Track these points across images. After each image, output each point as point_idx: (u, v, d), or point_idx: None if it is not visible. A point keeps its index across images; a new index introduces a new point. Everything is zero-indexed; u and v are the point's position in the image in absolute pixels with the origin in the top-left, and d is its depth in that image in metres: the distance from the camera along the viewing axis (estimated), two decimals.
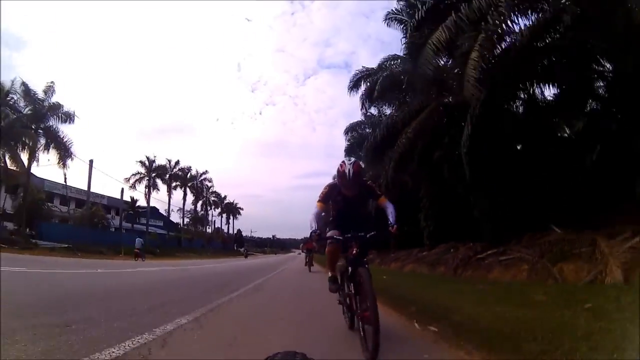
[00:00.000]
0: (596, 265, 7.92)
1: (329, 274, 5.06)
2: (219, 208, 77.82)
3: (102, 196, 46.18)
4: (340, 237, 4.40)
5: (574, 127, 14.64)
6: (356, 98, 22.31)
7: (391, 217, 4.40)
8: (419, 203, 18.75)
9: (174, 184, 53.54)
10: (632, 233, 8.09)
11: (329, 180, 16.58)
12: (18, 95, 26.34)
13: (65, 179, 30.05)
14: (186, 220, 64.27)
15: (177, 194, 55.93)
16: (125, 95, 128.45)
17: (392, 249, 23.09)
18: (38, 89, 27.38)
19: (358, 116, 29.18)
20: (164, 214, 58.84)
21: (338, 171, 4.41)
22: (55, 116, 27.82)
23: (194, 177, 58.14)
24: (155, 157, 50.20)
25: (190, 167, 57.73)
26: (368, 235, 4.25)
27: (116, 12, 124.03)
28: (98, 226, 37.49)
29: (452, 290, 8.78)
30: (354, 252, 4.14)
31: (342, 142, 34.04)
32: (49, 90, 27.94)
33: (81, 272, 13.30)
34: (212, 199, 70.72)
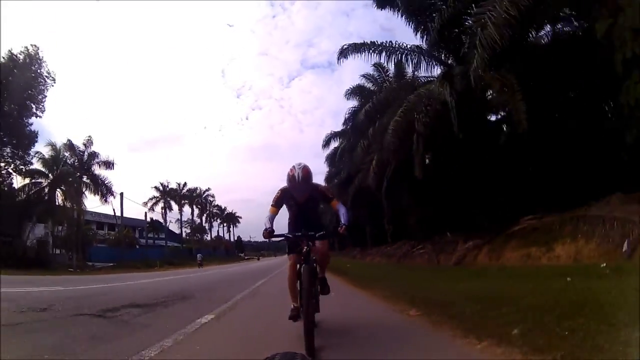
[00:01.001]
0: (456, 254, 15.37)
1: (292, 305, 4.64)
2: (219, 219, 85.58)
3: (126, 218, 53.53)
4: (290, 235, 4.48)
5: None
6: (347, 104, 30.01)
7: (342, 218, 4.39)
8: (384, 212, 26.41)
9: (183, 202, 61.50)
10: (465, 238, 15.48)
11: (319, 179, 17.50)
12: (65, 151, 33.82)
13: (114, 210, 40.21)
14: (187, 230, 71.34)
15: (186, 209, 64.17)
16: (111, 109, 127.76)
17: (369, 247, 30.73)
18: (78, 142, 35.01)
19: (342, 116, 32.78)
20: (171, 228, 66.30)
21: (288, 175, 4.34)
22: (97, 164, 35.48)
23: (199, 195, 66.26)
24: (168, 182, 59.31)
25: (196, 187, 66.06)
26: (317, 235, 4.34)
27: (93, 23, 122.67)
28: (129, 246, 44.80)
29: (387, 270, 16.05)
30: (303, 250, 4.19)
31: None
32: (88, 142, 35.72)
33: (164, 279, 18.78)
34: (215, 211, 78.89)
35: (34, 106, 27.80)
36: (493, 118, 18.30)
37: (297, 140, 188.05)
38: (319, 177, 39.89)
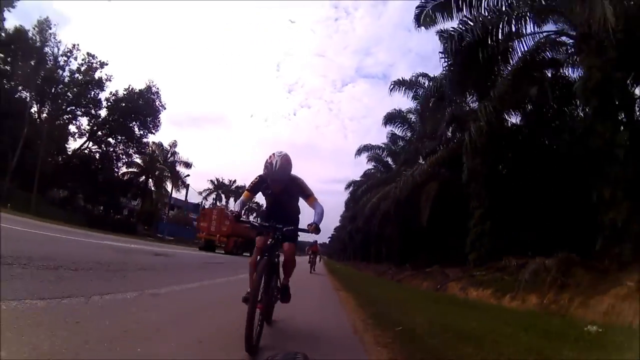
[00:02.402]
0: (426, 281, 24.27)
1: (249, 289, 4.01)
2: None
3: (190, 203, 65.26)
4: (257, 224, 4.40)
5: None
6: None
7: (315, 217, 4.19)
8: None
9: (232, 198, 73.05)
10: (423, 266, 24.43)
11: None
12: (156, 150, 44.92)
13: (186, 197, 50.81)
14: None
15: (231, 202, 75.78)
16: (161, 80, 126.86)
17: (364, 261, 40.17)
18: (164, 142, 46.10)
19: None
20: None
21: (266, 162, 4.02)
22: (178, 162, 45.93)
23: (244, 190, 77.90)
24: (222, 178, 70.71)
25: (245, 184, 77.08)
26: (285, 229, 4.08)
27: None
28: (186, 224, 55.78)
29: (362, 280, 25.07)
30: (268, 242, 4.06)
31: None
32: (174, 145, 46.43)
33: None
34: (254, 206, 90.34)
35: (151, 126, 38.58)
36: None
37: (339, 145, 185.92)
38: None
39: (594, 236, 11.45)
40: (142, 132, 37.97)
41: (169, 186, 45.83)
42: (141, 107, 36.95)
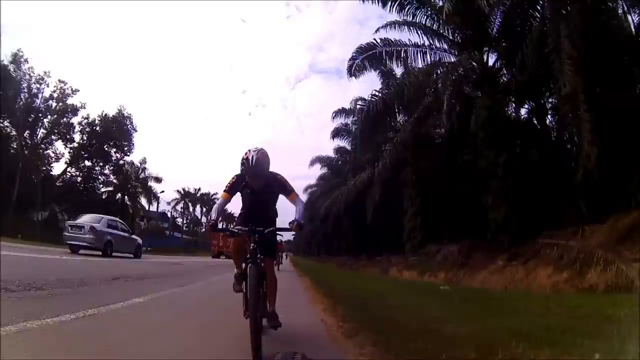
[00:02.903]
0: (376, 267, 29.11)
1: (235, 271, 4.43)
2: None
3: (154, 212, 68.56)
4: (236, 230, 4.03)
5: None
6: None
7: (297, 214, 4.08)
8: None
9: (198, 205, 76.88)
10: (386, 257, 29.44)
11: (313, 182, 39.26)
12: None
13: (158, 209, 53.59)
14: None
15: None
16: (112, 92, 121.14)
17: (327, 255, 44.80)
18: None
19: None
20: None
21: (242, 158, 3.94)
22: (149, 178, 49.27)
23: (210, 197, 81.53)
24: (188, 188, 73.95)
25: (209, 192, 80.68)
26: (266, 231, 3.83)
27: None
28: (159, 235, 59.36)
29: (326, 272, 29.85)
30: (251, 247, 3.71)
31: (329, 148, 38.02)
32: (143, 161, 49.63)
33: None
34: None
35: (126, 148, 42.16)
36: None
37: (297, 142, 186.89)
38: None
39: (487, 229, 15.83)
40: (117, 155, 41.37)
41: (142, 200, 49.47)
42: (115, 132, 40.64)
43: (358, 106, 22.65)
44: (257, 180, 4.06)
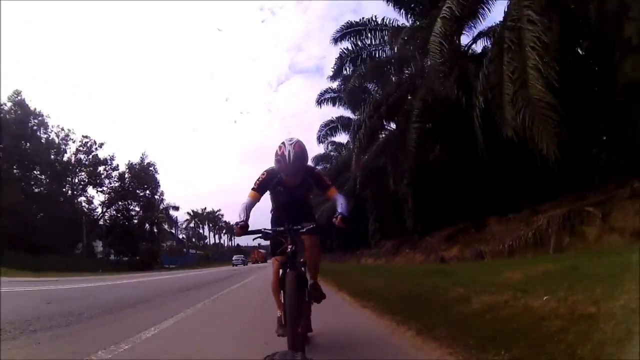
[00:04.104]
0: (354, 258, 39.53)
1: (278, 313, 3.79)
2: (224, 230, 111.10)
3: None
4: (270, 231, 3.44)
5: None
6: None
7: (340, 207, 3.49)
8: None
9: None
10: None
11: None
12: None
13: (176, 232, 64.20)
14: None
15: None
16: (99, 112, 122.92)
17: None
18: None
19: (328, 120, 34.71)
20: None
21: (276, 154, 3.43)
22: (168, 207, 59.62)
23: (214, 214, 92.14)
24: (197, 209, 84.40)
25: (214, 209, 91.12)
26: (305, 229, 3.33)
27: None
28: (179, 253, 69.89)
29: (323, 264, 40.16)
30: (287, 249, 3.26)
31: (317, 148, 39.01)
32: (161, 194, 59.76)
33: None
34: (223, 225, 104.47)
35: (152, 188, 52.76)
36: None
37: None
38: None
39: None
40: (146, 194, 51.69)
41: (165, 226, 59.91)
42: (143, 177, 50.80)
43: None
44: (296, 178, 3.58)
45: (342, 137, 35.63)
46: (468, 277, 7.53)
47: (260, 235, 3.46)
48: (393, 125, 22.37)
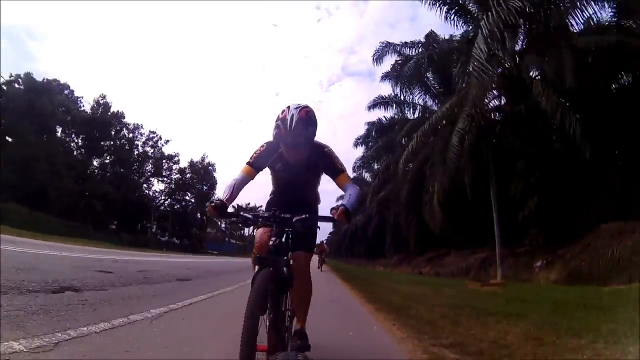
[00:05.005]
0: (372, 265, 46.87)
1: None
2: None
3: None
4: (250, 216, 2.62)
5: None
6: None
7: (345, 199, 2.67)
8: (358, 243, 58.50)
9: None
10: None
11: None
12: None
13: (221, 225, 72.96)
14: None
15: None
16: (147, 94, 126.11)
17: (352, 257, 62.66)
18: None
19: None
20: None
21: (277, 119, 2.67)
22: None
23: (256, 210, 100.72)
24: (242, 204, 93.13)
25: (256, 205, 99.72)
26: (295, 219, 2.47)
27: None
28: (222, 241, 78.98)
29: (349, 267, 47.74)
30: (271, 242, 2.39)
31: (360, 150, 38.04)
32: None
33: None
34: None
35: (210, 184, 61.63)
36: None
37: (330, 144, 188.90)
38: None
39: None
40: (203, 189, 60.62)
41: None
42: (203, 175, 59.83)
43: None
44: (297, 152, 2.76)
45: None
46: (417, 281, 14.96)
47: (238, 220, 2.63)
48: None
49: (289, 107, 2.67)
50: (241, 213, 2.65)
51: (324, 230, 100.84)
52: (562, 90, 13.19)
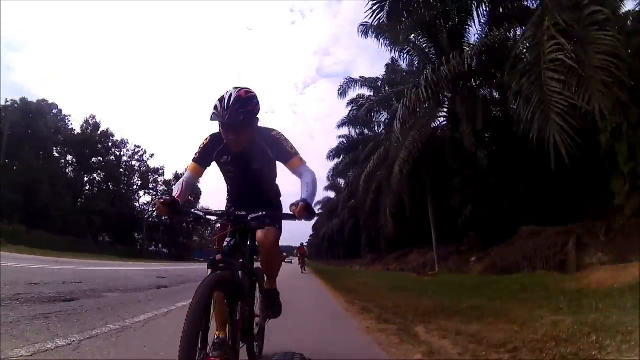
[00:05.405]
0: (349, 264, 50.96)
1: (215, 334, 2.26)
2: None
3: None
4: (201, 214, 2.57)
5: None
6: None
7: (304, 191, 2.47)
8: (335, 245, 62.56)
9: None
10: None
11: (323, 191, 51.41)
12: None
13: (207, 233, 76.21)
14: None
15: None
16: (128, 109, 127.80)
17: (332, 259, 66.67)
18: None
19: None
20: None
21: (215, 103, 2.43)
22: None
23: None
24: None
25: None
26: (251, 217, 2.33)
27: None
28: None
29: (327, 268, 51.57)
30: (225, 243, 2.28)
31: (334, 161, 39.94)
32: (197, 197, 71.86)
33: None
34: None
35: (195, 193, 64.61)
36: None
37: (307, 147, 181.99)
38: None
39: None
40: (191, 199, 63.65)
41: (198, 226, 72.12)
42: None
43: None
44: (238, 136, 2.48)
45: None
46: (378, 275, 19.10)
47: (190, 218, 2.71)
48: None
49: (229, 90, 2.45)
50: (192, 210, 2.58)
51: (305, 233, 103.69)
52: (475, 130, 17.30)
